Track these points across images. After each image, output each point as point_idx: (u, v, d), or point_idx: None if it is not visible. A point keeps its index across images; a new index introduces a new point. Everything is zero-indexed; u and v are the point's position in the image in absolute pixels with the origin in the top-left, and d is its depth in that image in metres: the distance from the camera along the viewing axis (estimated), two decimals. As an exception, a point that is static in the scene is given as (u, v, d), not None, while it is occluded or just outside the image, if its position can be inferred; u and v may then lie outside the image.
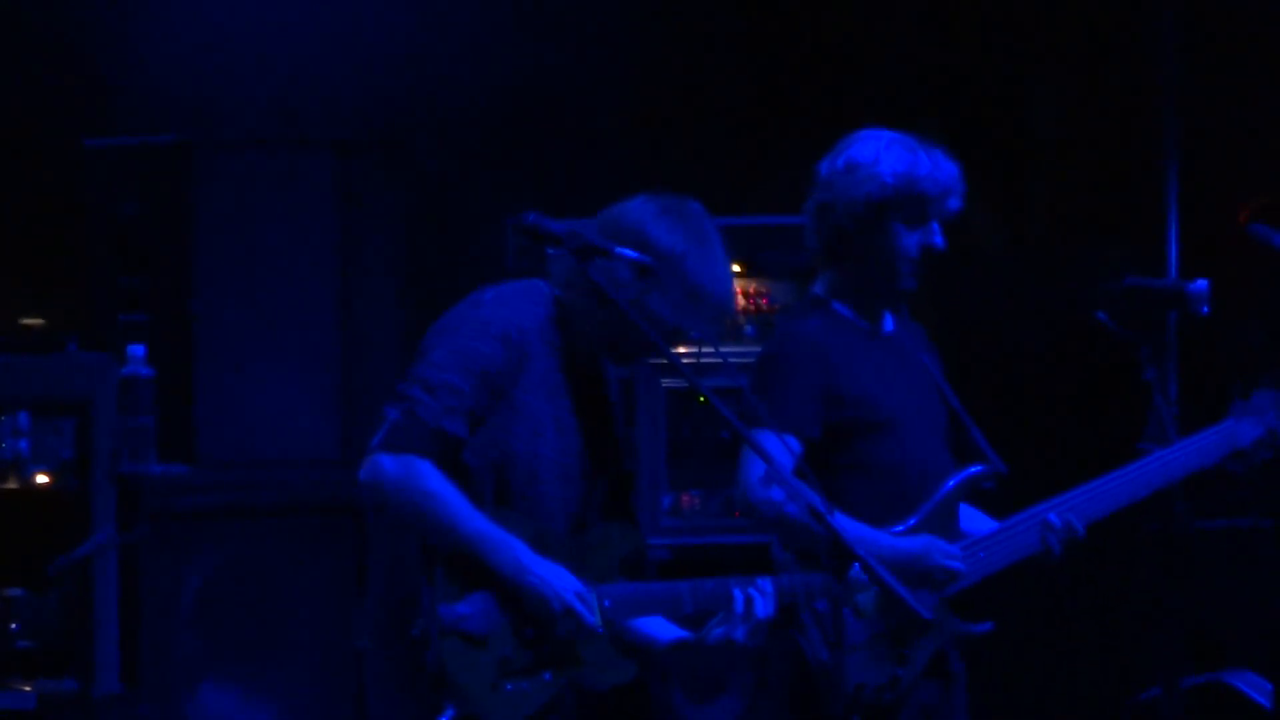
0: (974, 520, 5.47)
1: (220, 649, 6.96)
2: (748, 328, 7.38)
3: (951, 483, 5.38)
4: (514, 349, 4.89)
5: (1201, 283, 5.94)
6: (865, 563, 4.58)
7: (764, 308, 7.40)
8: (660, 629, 5.02)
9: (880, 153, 5.40)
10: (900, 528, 5.32)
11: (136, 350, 6.99)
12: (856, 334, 5.44)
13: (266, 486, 7.09)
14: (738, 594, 4.89)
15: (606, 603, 4.88)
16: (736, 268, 7.41)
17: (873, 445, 5.36)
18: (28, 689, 6.95)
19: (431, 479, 4.82)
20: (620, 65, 8.45)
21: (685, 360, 4.92)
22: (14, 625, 7.02)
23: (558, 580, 4.82)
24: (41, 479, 7.11)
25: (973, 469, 5.42)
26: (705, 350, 5.98)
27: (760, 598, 4.90)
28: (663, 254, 4.90)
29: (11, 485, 7.10)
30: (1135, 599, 7.61)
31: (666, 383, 7.27)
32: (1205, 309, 5.95)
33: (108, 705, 6.90)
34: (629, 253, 4.83)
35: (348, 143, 7.55)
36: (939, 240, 5.43)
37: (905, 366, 5.50)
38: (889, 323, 5.53)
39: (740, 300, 7.38)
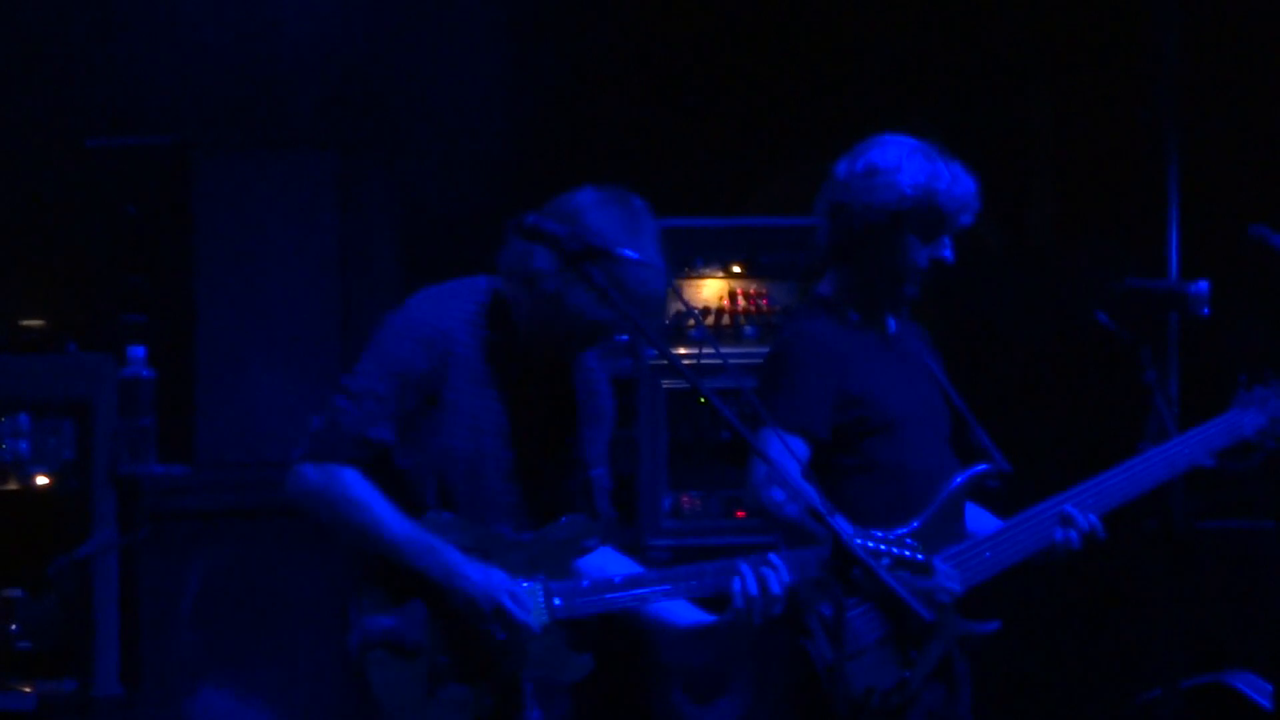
0: (980, 520, 5.47)
1: (220, 649, 6.96)
2: (748, 329, 7.38)
3: (956, 482, 5.38)
4: (435, 350, 4.83)
5: (1202, 284, 5.95)
6: (866, 564, 4.57)
7: (764, 309, 7.40)
8: (679, 613, 4.96)
9: (902, 161, 5.36)
10: (903, 529, 5.31)
11: (137, 351, 6.99)
12: (863, 335, 5.43)
13: (266, 487, 7.06)
14: (747, 569, 4.83)
15: (557, 600, 4.82)
16: (737, 268, 7.44)
17: (879, 447, 5.35)
18: (28, 690, 6.95)
19: (355, 487, 4.78)
20: (621, 66, 8.45)
21: (685, 361, 4.90)
22: (14, 626, 7.01)
23: (486, 581, 4.76)
24: (42, 480, 7.11)
25: (977, 468, 5.41)
26: (705, 351, 5.98)
27: (773, 573, 4.84)
28: (596, 242, 4.78)
29: (11, 486, 7.10)
30: (1135, 599, 7.61)
31: (667, 384, 7.27)
32: (1206, 310, 5.95)
33: (107, 706, 6.90)
34: (631, 254, 4.80)
35: (348, 144, 7.55)
36: (948, 254, 5.41)
37: (910, 367, 5.50)
38: (892, 324, 5.52)
39: (740, 301, 7.39)
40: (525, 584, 4.81)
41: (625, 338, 7.43)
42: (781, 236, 7.34)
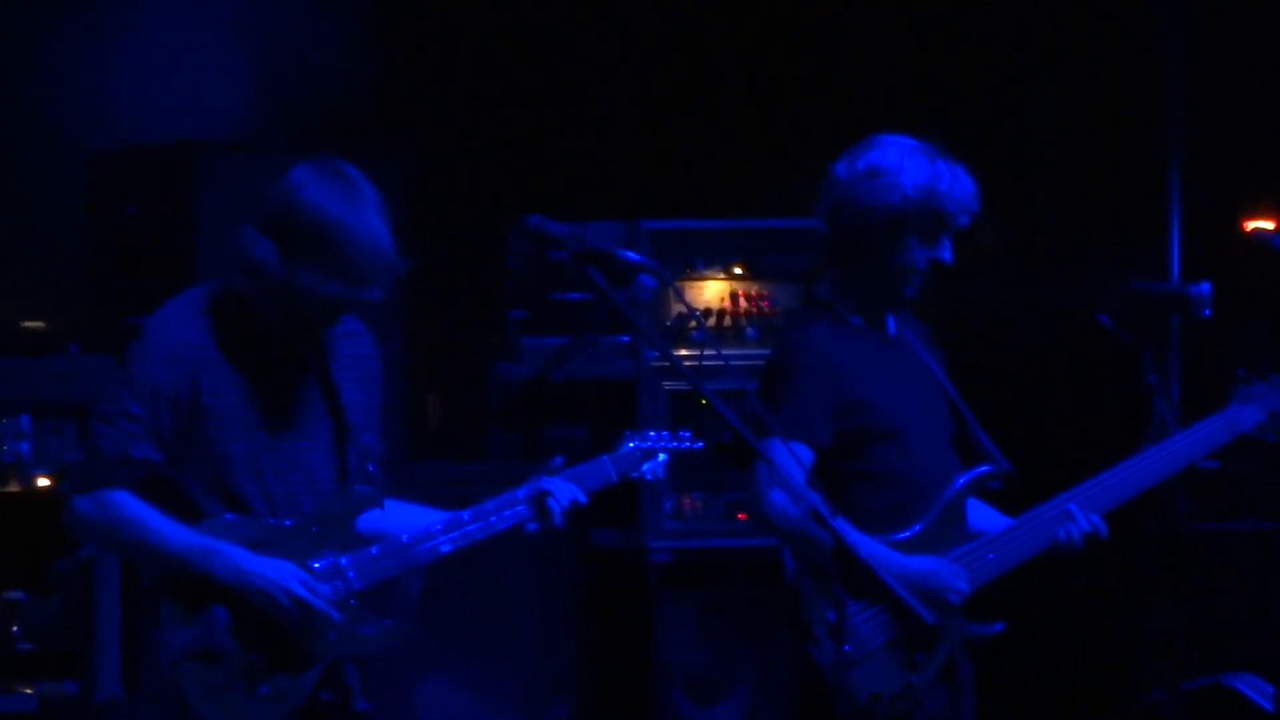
0: (988, 518, 5.46)
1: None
2: (749, 330, 7.37)
3: (958, 484, 5.38)
4: (180, 363, 4.82)
5: (1204, 286, 5.95)
6: (868, 568, 4.57)
7: (765, 310, 7.39)
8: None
9: (903, 161, 5.35)
10: (907, 533, 5.31)
11: (138, 353, 6.97)
12: (863, 338, 5.42)
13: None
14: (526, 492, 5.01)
15: (351, 574, 4.87)
16: (738, 270, 7.43)
17: (881, 452, 5.34)
18: (29, 692, 6.95)
19: (128, 507, 4.78)
20: (622, 67, 8.45)
21: (687, 363, 4.89)
22: (15, 628, 7.01)
23: (278, 575, 4.79)
24: (43, 481, 7.10)
25: (979, 470, 5.41)
26: (707, 353, 5.96)
27: (551, 499, 5.01)
28: (310, 218, 4.80)
29: (13, 488, 7.09)
30: (1137, 601, 7.61)
31: (669, 385, 7.26)
32: (1207, 312, 5.95)
33: (109, 708, 6.90)
34: (634, 256, 4.81)
35: (347, 143, 7.53)
36: (947, 255, 5.40)
37: (911, 369, 5.49)
38: (892, 325, 5.52)
39: (742, 303, 7.39)
40: (316, 565, 4.84)
41: (627, 339, 7.44)
42: (783, 238, 7.33)
